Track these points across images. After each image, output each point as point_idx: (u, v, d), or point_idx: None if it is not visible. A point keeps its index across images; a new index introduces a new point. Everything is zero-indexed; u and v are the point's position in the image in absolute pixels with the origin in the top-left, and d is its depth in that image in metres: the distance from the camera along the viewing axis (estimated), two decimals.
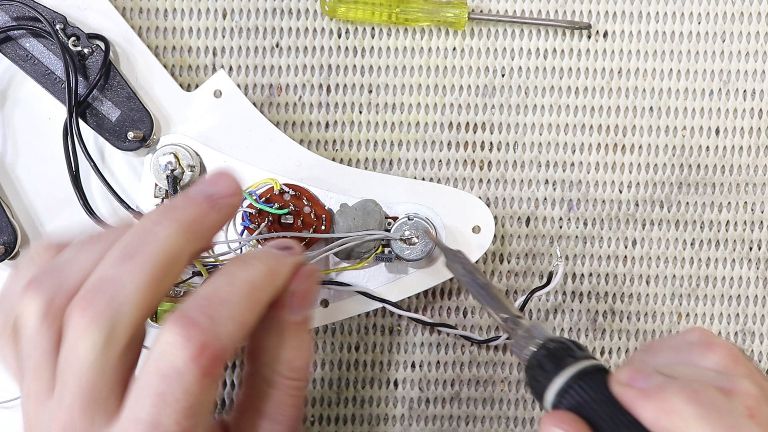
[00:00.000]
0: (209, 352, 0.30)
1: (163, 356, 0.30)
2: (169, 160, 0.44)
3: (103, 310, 0.30)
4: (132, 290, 0.30)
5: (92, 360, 0.30)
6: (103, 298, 0.30)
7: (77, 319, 0.30)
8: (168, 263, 0.31)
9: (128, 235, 0.31)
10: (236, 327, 0.31)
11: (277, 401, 0.35)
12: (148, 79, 0.45)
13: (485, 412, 0.48)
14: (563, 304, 0.48)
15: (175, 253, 0.31)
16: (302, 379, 0.35)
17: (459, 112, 0.48)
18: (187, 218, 0.32)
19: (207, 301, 0.31)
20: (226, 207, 0.33)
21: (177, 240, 0.31)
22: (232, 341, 0.31)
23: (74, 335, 0.30)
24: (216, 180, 0.34)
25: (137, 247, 0.31)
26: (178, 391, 0.30)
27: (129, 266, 0.30)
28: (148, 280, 0.30)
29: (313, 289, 0.35)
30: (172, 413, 0.30)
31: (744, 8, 0.47)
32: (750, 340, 0.48)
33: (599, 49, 0.48)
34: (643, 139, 0.48)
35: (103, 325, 0.30)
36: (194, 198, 0.33)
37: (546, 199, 0.48)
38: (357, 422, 0.48)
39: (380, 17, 0.46)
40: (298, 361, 0.35)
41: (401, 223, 0.44)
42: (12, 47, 0.44)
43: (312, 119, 0.48)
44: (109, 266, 0.31)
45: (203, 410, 0.31)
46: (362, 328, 0.48)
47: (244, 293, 0.32)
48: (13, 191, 0.46)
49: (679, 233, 0.48)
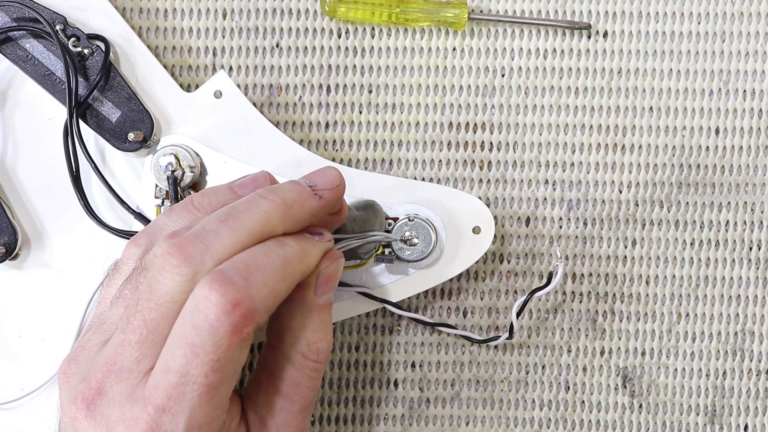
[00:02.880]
0: (242, 309, 0.32)
1: (198, 309, 0.32)
2: (169, 161, 0.44)
3: (193, 255, 0.33)
4: (224, 245, 0.33)
5: (166, 299, 0.33)
6: (198, 246, 0.33)
7: (168, 256, 0.33)
8: (262, 232, 0.34)
9: (239, 202, 0.35)
10: (268, 292, 0.33)
11: (296, 381, 0.37)
12: (149, 80, 0.45)
13: (485, 412, 0.48)
14: (563, 304, 0.48)
15: (271, 224, 0.35)
16: (321, 362, 0.37)
17: (459, 112, 0.48)
18: (289, 198, 0.36)
19: (243, 265, 0.33)
20: (326, 196, 0.37)
21: (276, 213, 0.35)
22: (264, 305, 0.33)
23: (159, 267, 0.33)
24: (322, 173, 0.38)
25: (241, 211, 0.35)
26: (209, 343, 0.32)
27: (230, 223, 0.34)
28: (242, 240, 0.34)
29: (338, 273, 0.38)
30: (200, 365, 0.32)
31: (744, 8, 0.47)
32: (750, 340, 0.48)
33: (599, 49, 0.48)
34: (643, 139, 0.48)
35: (188, 268, 0.33)
36: (300, 183, 0.37)
37: (546, 199, 0.48)
38: (357, 422, 0.48)
39: (380, 17, 0.46)
40: (319, 342, 0.37)
41: (402, 223, 0.44)
42: (12, 48, 0.44)
43: (312, 119, 0.48)
44: (213, 220, 0.34)
45: (230, 369, 0.33)
46: (362, 328, 0.48)
47: (278, 264, 0.34)
48: (14, 192, 0.46)
49: (679, 233, 0.48)
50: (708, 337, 0.48)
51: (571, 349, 0.48)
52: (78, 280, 0.46)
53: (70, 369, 0.35)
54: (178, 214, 0.38)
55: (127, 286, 0.35)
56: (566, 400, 0.48)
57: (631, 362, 0.48)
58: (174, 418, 0.32)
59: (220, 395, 0.33)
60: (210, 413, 0.33)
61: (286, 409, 0.37)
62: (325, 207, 0.38)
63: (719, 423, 0.48)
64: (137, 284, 0.35)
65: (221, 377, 0.32)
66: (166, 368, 0.32)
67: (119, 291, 0.36)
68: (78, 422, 0.33)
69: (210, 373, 0.32)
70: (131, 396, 0.33)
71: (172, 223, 0.37)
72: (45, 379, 0.45)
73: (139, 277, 0.35)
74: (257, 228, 0.34)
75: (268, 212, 0.35)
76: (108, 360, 0.33)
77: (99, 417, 0.33)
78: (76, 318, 0.45)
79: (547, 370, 0.48)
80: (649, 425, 0.48)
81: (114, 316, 0.35)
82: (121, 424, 0.33)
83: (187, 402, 0.32)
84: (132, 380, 0.33)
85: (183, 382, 0.32)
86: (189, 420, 0.32)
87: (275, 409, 0.37)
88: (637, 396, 0.48)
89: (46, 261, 0.46)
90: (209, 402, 0.32)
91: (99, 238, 0.45)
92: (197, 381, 0.32)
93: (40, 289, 0.46)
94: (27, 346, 0.46)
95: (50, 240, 0.46)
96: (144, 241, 0.37)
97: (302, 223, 0.37)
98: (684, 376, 0.48)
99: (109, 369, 0.33)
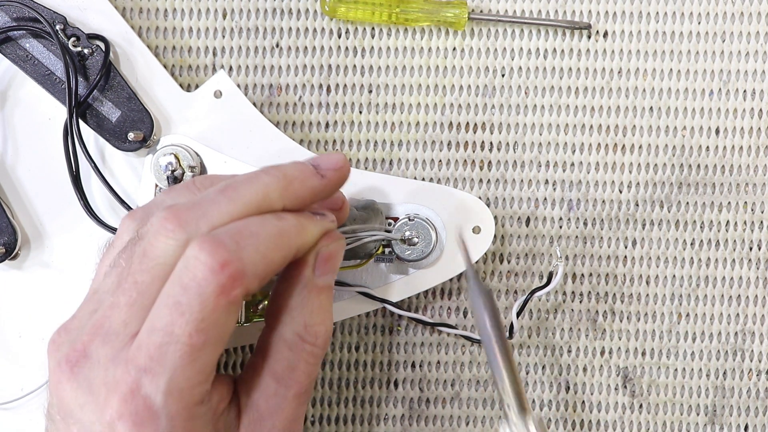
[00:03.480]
0: (230, 270, 0.31)
1: (187, 268, 0.32)
2: (169, 160, 0.44)
3: (188, 221, 0.33)
4: (220, 212, 0.33)
5: (158, 262, 0.33)
6: (195, 212, 0.33)
7: (164, 221, 0.33)
8: (260, 204, 0.34)
9: (241, 175, 0.36)
10: (259, 258, 0.33)
11: (292, 364, 0.36)
12: (149, 80, 0.45)
13: (485, 412, 0.48)
14: (563, 304, 0.48)
15: (270, 198, 0.35)
16: (319, 347, 0.37)
17: (459, 112, 0.48)
18: (290, 174, 0.35)
19: (236, 230, 0.33)
20: (328, 177, 0.37)
21: (275, 187, 0.35)
22: (254, 270, 0.32)
23: (155, 232, 0.33)
24: (327, 155, 0.38)
25: (241, 183, 0.35)
26: (195, 302, 0.31)
27: (228, 193, 0.34)
28: (238, 209, 0.34)
29: (338, 254, 0.37)
30: (185, 323, 0.31)
31: (744, 8, 0.47)
32: (750, 340, 0.48)
33: (599, 49, 0.48)
34: (643, 139, 0.48)
35: (182, 233, 0.32)
36: (303, 162, 0.37)
37: (546, 199, 0.48)
38: (357, 422, 0.48)
39: (380, 17, 0.46)
40: (318, 326, 0.36)
41: (402, 223, 0.44)
42: (12, 48, 0.44)
43: (312, 119, 0.48)
44: (213, 191, 0.34)
45: (215, 332, 0.32)
46: (362, 328, 0.48)
47: (273, 234, 0.34)
48: (14, 192, 0.46)
49: (679, 233, 0.48)
50: (708, 337, 0.48)
51: (571, 349, 0.48)
52: (78, 280, 0.46)
53: (60, 338, 0.34)
54: (178, 191, 0.37)
55: (122, 256, 0.35)
56: (566, 400, 0.48)
57: (631, 362, 0.48)
58: (154, 379, 0.31)
59: (203, 359, 0.32)
60: (192, 377, 0.32)
61: (280, 393, 0.36)
62: (328, 187, 0.37)
63: (719, 423, 0.48)
64: (132, 253, 0.34)
65: (205, 339, 0.32)
66: (151, 327, 0.32)
67: (114, 260, 0.35)
68: (61, 386, 0.33)
69: (194, 334, 0.31)
70: (116, 358, 0.32)
71: (170, 200, 0.37)
72: (45, 379, 0.45)
73: (134, 247, 0.34)
74: (255, 199, 0.34)
75: (267, 185, 0.35)
76: (96, 323, 0.33)
77: (82, 379, 0.32)
78: None
79: (547, 370, 0.48)
80: (649, 425, 0.48)
81: (107, 285, 0.35)
82: (103, 386, 0.32)
83: (168, 362, 0.31)
84: (118, 343, 0.32)
85: (166, 342, 0.31)
86: (169, 382, 0.31)
87: (269, 393, 0.36)
88: (637, 396, 0.48)
89: (45, 261, 0.46)
90: (192, 365, 0.32)
91: (99, 238, 0.45)
92: (180, 340, 0.31)
93: (40, 289, 0.46)
94: (27, 346, 0.46)
95: (50, 240, 0.46)
96: (140, 215, 0.37)
97: (303, 201, 0.36)
98: (684, 376, 0.48)
99: (96, 332, 0.33)
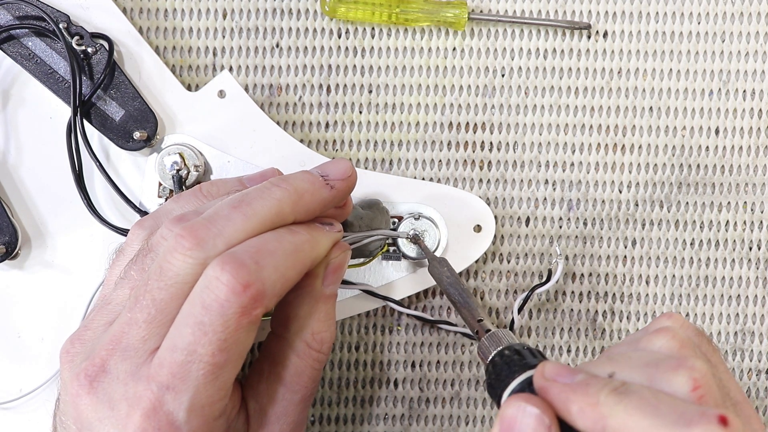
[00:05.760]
0: (251, 291, 0.32)
1: (209, 288, 0.32)
2: (174, 160, 0.44)
3: (206, 239, 0.33)
4: (236, 230, 0.34)
5: (177, 280, 0.33)
6: (212, 230, 0.33)
7: (180, 239, 0.33)
8: (274, 219, 0.35)
9: (252, 189, 0.36)
10: (278, 277, 0.33)
11: (299, 370, 0.37)
12: (153, 79, 0.45)
13: (485, 412, 0.48)
14: (563, 304, 0.48)
15: (283, 213, 0.35)
16: (324, 353, 0.38)
17: (459, 112, 0.48)
18: (301, 187, 0.36)
19: (255, 249, 0.33)
20: (337, 187, 0.37)
21: (288, 201, 0.35)
22: (273, 289, 0.33)
23: (170, 248, 0.33)
24: (334, 164, 0.38)
25: (254, 198, 0.35)
26: (218, 323, 0.32)
27: (243, 209, 0.34)
28: (254, 226, 0.34)
29: (345, 264, 0.38)
30: (207, 343, 0.32)
31: (744, 8, 0.48)
32: (750, 340, 0.48)
33: (599, 49, 0.48)
34: (643, 139, 0.48)
35: (200, 251, 0.33)
36: (312, 173, 0.37)
37: (546, 199, 0.48)
38: (357, 422, 0.48)
39: (380, 17, 0.47)
40: (324, 333, 0.37)
41: (407, 221, 0.44)
42: (15, 46, 0.44)
43: (312, 119, 0.48)
44: (226, 206, 0.35)
45: (236, 351, 0.33)
46: (362, 328, 0.48)
47: (289, 251, 0.34)
48: (15, 191, 0.46)
49: (679, 233, 0.48)
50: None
51: (571, 349, 0.48)
52: (79, 280, 0.46)
53: (74, 348, 0.35)
54: (186, 199, 0.38)
55: (133, 267, 0.35)
56: None
57: None
58: (177, 397, 0.32)
59: (224, 377, 0.33)
60: (213, 394, 0.33)
61: (287, 398, 0.37)
62: (336, 197, 0.38)
63: None
64: (144, 265, 0.35)
65: (227, 358, 0.32)
66: (172, 346, 0.32)
67: (124, 272, 0.36)
68: (80, 399, 0.33)
69: (217, 353, 0.32)
70: (135, 374, 0.33)
71: (179, 209, 0.37)
72: (44, 379, 0.45)
73: (145, 259, 0.35)
74: (269, 215, 0.34)
75: (280, 200, 0.35)
76: (113, 338, 0.33)
77: (101, 394, 0.33)
78: (76, 318, 0.45)
79: None
80: None
81: (119, 297, 0.35)
82: (124, 401, 0.33)
83: (191, 381, 0.32)
84: (137, 359, 0.33)
85: (189, 361, 0.32)
86: (192, 399, 0.32)
87: (276, 398, 0.37)
88: None
89: (46, 261, 0.46)
90: (214, 382, 0.32)
91: (100, 238, 0.45)
92: (203, 360, 0.32)
93: (40, 288, 0.46)
94: (27, 346, 0.46)
95: (51, 239, 0.46)
96: (150, 223, 0.37)
97: (313, 213, 0.37)
98: None
99: (114, 347, 0.33)
